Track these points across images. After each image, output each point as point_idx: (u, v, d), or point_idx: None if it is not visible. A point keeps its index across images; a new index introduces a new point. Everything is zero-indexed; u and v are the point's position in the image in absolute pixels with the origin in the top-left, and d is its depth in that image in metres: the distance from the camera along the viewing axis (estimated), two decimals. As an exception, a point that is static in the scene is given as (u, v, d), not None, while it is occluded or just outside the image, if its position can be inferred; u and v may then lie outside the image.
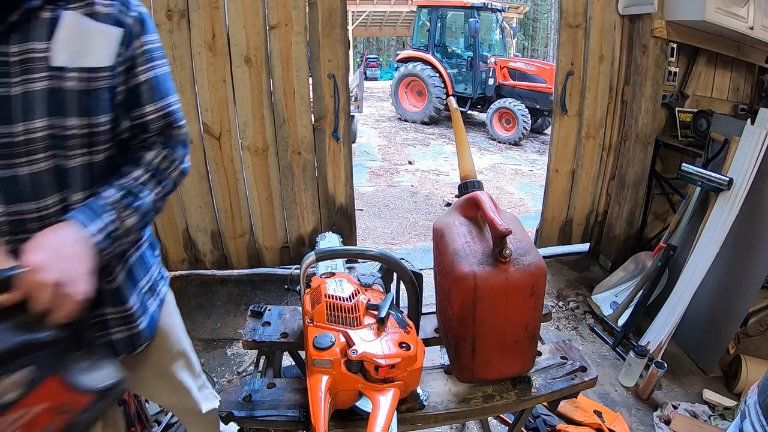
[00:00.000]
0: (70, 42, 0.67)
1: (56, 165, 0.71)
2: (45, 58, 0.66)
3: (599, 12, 2.62)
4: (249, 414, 0.82)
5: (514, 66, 7.78)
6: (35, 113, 0.67)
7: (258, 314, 1.07)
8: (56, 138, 0.69)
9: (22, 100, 0.65)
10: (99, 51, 0.70)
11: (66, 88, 0.68)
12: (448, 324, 0.91)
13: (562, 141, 2.89)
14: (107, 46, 0.71)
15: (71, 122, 0.70)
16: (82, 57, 0.69)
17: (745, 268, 2.07)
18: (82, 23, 0.68)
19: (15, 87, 0.65)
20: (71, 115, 0.70)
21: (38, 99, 0.66)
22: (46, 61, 0.66)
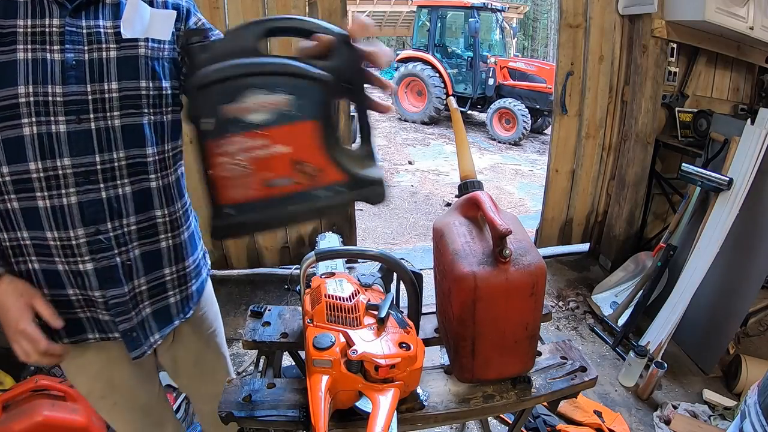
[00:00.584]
0: (134, 21, 0.80)
1: (128, 122, 0.81)
2: (115, 33, 0.78)
3: (599, 12, 2.62)
4: (249, 414, 0.82)
5: (514, 66, 7.77)
6: (111, 76, 0.78)
7: (258, 314, 1.07)
8: (129, 98, 0.80)
9: (98, 64, 0.77)
10: (159, 27, 0.83)
11: (138, 55, 0.80)
12: (448, 324, 0.91)
13: (562, 141, 2.89)
14: (166, 24, 0.84)
15: (142, 84, 0.81)
16: (148, 32, 0.81)
17: (745, 268, 2.07)
18: (140, 5, 0.80)
19: (90, 54, 0.76)
20: (142, 78, 0.81)
21: (113, 65, 0.78)
22: (116, 36, 0.78)
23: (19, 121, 0.73)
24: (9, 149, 0.74)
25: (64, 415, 1.42)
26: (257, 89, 0.50)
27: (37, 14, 0.73)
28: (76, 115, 0.76)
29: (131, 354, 0.92)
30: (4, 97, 0.72)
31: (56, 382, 1.51)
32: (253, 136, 0.51)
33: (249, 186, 0.53)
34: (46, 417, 1.38)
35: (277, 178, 0.53)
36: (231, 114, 0.50)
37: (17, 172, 0.76)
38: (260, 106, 0.50)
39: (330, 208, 0.55)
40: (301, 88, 0.51)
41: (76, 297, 0.86)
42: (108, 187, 0.82)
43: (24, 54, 0.72)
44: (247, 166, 0.52)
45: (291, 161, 0.52)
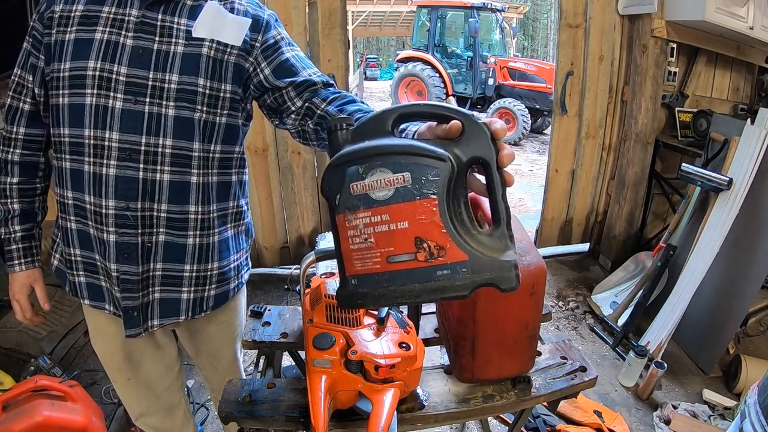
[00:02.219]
0: (209, 23, 0.87)
1: (181, 114, 0.86)
2: (187, 31, 0.86)
3: (599, 12, 2.62)
4: (249, 414, 0.82)
5: (513, 66, 7.78)
6: (173, 68, 0.85)
7: (258, 314, 1.07)
8: (185, 92, 0.86)
9: (164, 56, 0.84)
10: (231, 33, 0.88)
11: (201, 53, 0.86)
12: (448, 324, 0.91)
13: (561, 141, 2.89)
14: (239, 30, 0.89)
15: (200, 81, 0.86)
16: (218, 34, 0.87)
17: (745, 268, 2.07)
18: (220, 11, 0.88)
19: (159, 45, 0.84)
20: (200, 75, 0.86)
21: (177, 58, 0.85)
22: (187, 33, 0.86)
23: (83, 90, 0.83)
24: (73, 114, 0.84)
25: (63, 415, 1.42)
26: (382, 167, 0.53)
27: (121, 4, 0.84)
28: (134, 96, 0.83)
29: (126, 331, 0.94)
30: (76, 68, 0.83)
31: (56, 382, 1.51)
32: (377, 213, 0.53)
33: (372, 259, 0.55)
34: (46, 417, 1.38)
35: (398, 254, 0.53)
36: (358, 191, 0.54)
37: (74, 135, 0.85)
38: (384, 184, 0.53)
39: (450, 290, 0.53)
40: (421, 166, 0.53)
41: (101, 263, 0.92)
42: (147, 169, 0.86)
43: (101, 35, 0.83)
44: (370, 240, 0.54)
45: (412, 238, 0.53)
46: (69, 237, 0.93)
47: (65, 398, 1.46)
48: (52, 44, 0.85)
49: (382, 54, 21.37)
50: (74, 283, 0.96)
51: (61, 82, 0.84)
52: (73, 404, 1.46)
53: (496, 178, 0.54)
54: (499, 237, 0.54)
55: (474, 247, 0.53)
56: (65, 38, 0.84)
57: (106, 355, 1.07)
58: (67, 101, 0.85)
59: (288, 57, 0.93)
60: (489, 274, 0.52)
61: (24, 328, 2.05)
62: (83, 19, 0.84)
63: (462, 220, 0.54)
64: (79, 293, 0.96)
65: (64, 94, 0.84)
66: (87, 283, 0.95)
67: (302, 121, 0.91)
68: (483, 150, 0.54)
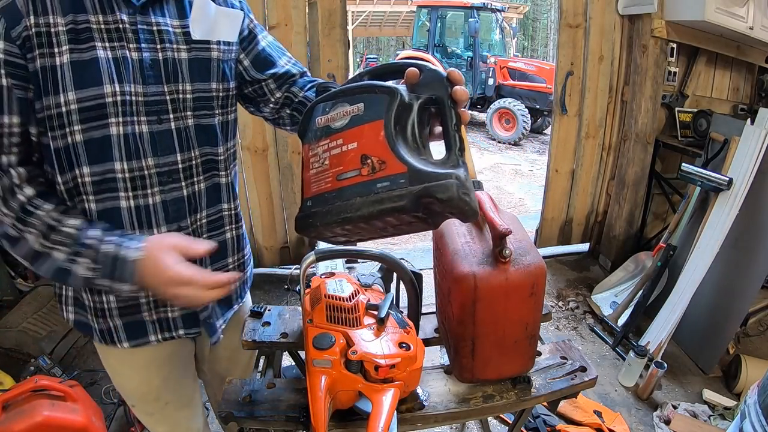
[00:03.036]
0: (204, 21, 0.80)
1: (201, 123, 0.83)
2: (183, 33, 0.78)
3: (599, 12, 2.62)
4: (249, 414, 0.82)
5: (513, 66, 7.78)
6: (184, 77, 0.79)
7: (258, 314, 1.07)
8: (202, 99, 0.82)
9: (171, 65, 0.77)
10: (227, 29, 0.83)
11: (211, 58, 0.82)
12: (448, 324, 0.91)
13: (561, 141, 2.89)
14: (233, 25, 0.84)
15: (213, 86, 0.83)
16: (217, 33, 0.82)
17: (745, 268, 2.07)
18: (208, 5, 0.81)
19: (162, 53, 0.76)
20: (213, 80, 0.83)
21: (185, 66, 0.78)
22: (185, 36, 0.78)
23: (106, 120, 0.72)
24: (93, 150, 0.73)
25: (63, 415, 1.42)
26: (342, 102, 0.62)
27: (106, 10, 0.71)
28: (157, 115, 0.77)
29: (212, 339, 0.96)
30: (88, 97, 0.70)
31: (56, 382, 1.51)
32: (333, 138, 0.61)
33: (324, 180, 0.61)
34: (46, 417, 1.38)
35: (346, 171, 0.59)
36: (321, 123, 0.62)
37: (101, 173, 0.75)
38: (342, 115, 0.61)
39: (388, 200, 0.56)
40: (373, 97, 0.60)
41: (146, 298, 0.86)
42: (188, 184, 0.84)
43: (104, 52, 0.71)
44: (326, 163, 0.61)
45: (359, 156, 0.59)
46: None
47: (65, 398, 1.46)
48: (39, 72, 0.68)
49: (382, 54, 21.35)
50: (108, 330, 0.87)
51: (67, 117, 0.70)
52: (73, 404, 1.47)
53: (449, 113, 0.60)
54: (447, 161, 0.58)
55: (414, 161, 0.56)
56: (57, 62, 0.68)
57: (141, 388, 1.00)
58: (80, 138, 0.72)
59: (264, 46, 0.92)
60: (426, 185, 0.54)
61: (24, 327, 2.05)
62: (72, 34, 0.68)
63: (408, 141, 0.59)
64: (115, 338, 0.88)
65: (75, 131, 0.71)
66: (125, 324, 0.87)
67: (280, 109, 0.94)
68: (437, 90, 0.60)
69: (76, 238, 0.71)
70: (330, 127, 0.61)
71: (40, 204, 0.72)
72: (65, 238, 0.71)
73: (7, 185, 0.71)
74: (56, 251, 0.71)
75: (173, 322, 0.90)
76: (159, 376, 0.98)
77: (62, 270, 0.72)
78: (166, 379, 1.00)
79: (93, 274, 0.71)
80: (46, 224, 0.71)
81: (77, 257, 0.71)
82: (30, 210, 0.71)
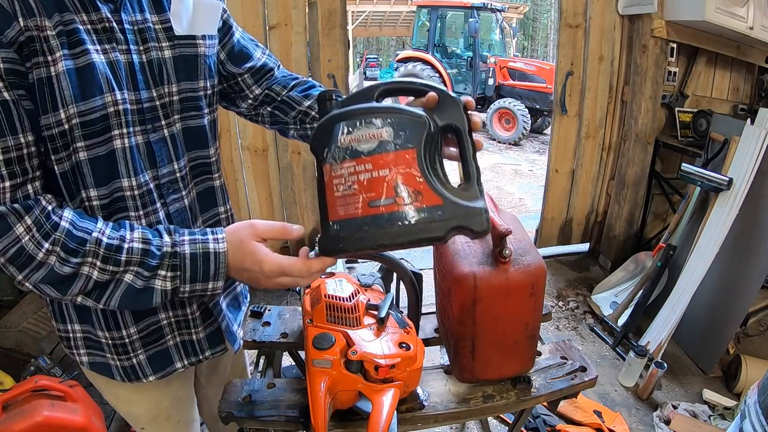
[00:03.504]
0: (181, 13, 0.72)
1: (190, 125, 0.76)
2: (164, 28, 0.71)
3: (599, 12, 2.62)
4: (249, 414, 0.82)
5: (513, 66, 7.78)
6: (170, 78, 0.72)
7: (258, 314, 1.07)
8: (189, 100, 0.75)
9: (156, 65, 0.70)
10: (206, 21, 0.76)
11: (198, 54, 0.75)
12: (448, 324, 0.91)
13: (561, 141, 2.89)
14: (213, 17, 0.77)
15: (200, 84, 0.76)
16: (198, 26, 0.74)
17: (745, 268, 2.07)
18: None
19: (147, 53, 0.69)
20: (200, 77, 0.76)
21: (169, 65, 0.71)
22: (166, 31, 0.71)
23: (110, 134, 0.65)
24: (99, 168, 0.65)
25: (63, 415, 1.42)
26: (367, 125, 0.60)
27: (87, 7, 0.62)
28: (151, 123, 0.70)
29: (234, 347, 0.91)
30: (92, 109, 0.62)
31: (56, 382, 1.51)
32: (361, 162, 0.59)
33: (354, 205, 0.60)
34: (46, 417, 1.38)
35: (379, 199, 0.58)
36: (345, 143, 0.60)
37: (108, 194, 0.68)
38: (368, 137, 0.59)
39: (427, 231, 0.59)
40: (402, 123, 0.59)
41: (167, 321, 0.80)
42: (187, 193, 0.78)
43: (98, 56, 0.63)
44: (354, 187, 0.59)
45: (392, 184, 0.59)
46: (118, 318, 0.76)
47: (65, 398, 1.46)
48: (36, 85, 0.58)
49: (382, 54, 21.35)
50: (131, 367, 0.80)
51: (70, 134, 0.62)
52: (73, 404, 1.46)
53: (467, 142, 0.63)
54: (470, 190, 0.61)
55: (449, 194, 0.59)
56: (52, 72, 0.59)
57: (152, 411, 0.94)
58: (84, 156, 0.63)
59: (238, 38, 0.87)
60: (462, 219, 0.59)
61: (24, 327, 2.05)
62: (62, 37, 0.59)
63: (437, 172, 0.61)
64: (140, 374, 0.81)
65: (78, 148, 0.63)
66: (150, 357, 0.81)
67: (259, 106, 0.91)
68: (456, 118, 0.62)
69: (146, 252, 0.63)
70: (356, 150, 0.59)
71: (88, 226, 0.62)
72: (132, 255, 0.62)
73: (44, 216, 0.60)
74: (128, 274, 0.63)
75: (198, 344, 0.85)
76: (168, 396, 0.95)
77: (140, 292, 0.64)
78: (173, 398, 0.97)
79: (178, 283, 0.64)
80: (104, 246, 0.61)
81: (156, 271, 0.63)
82: (79, 236, 0.61)
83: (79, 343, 0.79)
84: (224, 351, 0.91)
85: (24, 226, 0.58)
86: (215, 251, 0.65)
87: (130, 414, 0.97)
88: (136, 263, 0.62)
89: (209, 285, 0.66)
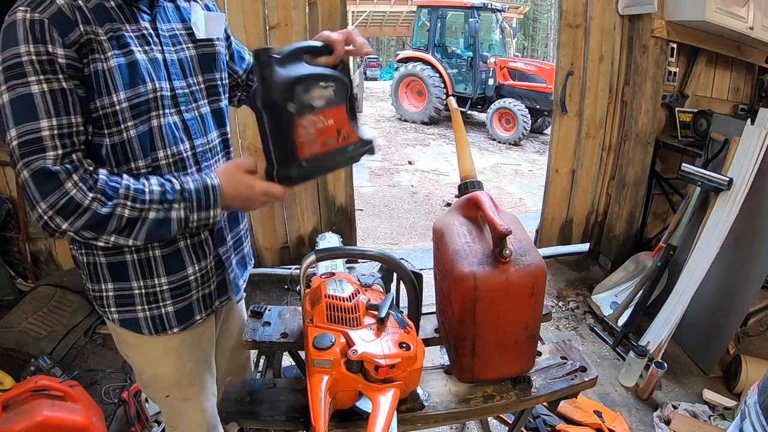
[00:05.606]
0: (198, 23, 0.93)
1: (214, 108, 0.98)
2: (187, 34, 0.92)
3: (599, 12, 2.62)
4: (249, 414, 0.82)
5: (514, 66, 7.77)
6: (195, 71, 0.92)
7: (258, 314, 1.07)
8: (211, 88, 0.96)
9: (186, 62, 0.91)
10: (216, 28, 0.97)
11: (215, 52, 0.96)
12: (448, 324, 0.91)
13: (562, 141, 2.89)
14: (220, 25, 0.99)
15: (217, 75, 0.97)
16: (211, 32, 0.95)
17: (745, 268, 2.07)
18: (199, 9, 0.95)
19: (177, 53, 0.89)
20: (216, 70, 0.97)
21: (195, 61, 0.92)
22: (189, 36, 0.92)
23: (149, 115, 0.84)
24: (145, 143, 0.84)
25: (64, 415, 1.42)
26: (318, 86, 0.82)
27: (130, 19, 0.82)
28: (185, 105, 0.90)
29: (236, 297, 1.07)
30: (137, 94, 0.81)
31: (56, 382, 1.51)
32: (316, 114, 0.82)
33: (314, 146, 0.83)
34: (46, 417, 1.38)
35: (329, 140, 0.84)
36: (308, 100, 0.80)
37: (150, 164, 0.85)
38: (320, 96, 0.82)
39: (355, 158, 0.90)
40: (338, 86, 0.84)
41: (194, 276, 0.95)
42: (217, 160, 0.98)
43: (140, 55, 0.82)
44: (312, 134, 0.82)
45: (336, 129, 0.85)
46: (153, 267, 0.90)
47: (65, 398, 1.46)
48: (93, 75, 0.77)
49: (382, 54, 21.34)
50: (159, 317, 0.93)
51: (121, 115, 0.80)
52: (73, 404, 1.47)
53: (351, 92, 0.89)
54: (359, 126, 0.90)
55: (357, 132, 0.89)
56: (105, 66, 0.77)
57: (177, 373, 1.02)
58: (134, 133, 0.82)
59: (234, 43, 1.09)
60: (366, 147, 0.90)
61: (24, 327, 2.05)
62: (113, 41, 0.78)
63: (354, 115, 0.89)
64: (166, 325, 0.94)
65: (129, 126, 0.81)
66: (176, 311, 0.94)
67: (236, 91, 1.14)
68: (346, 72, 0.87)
69: (163, 192, 0.81)
70: (313, 105, 0.81)
71: (118, 179, 0.79)
72: (153, 195, 0.80)
73: (87, 174, 0.77)
74: (152, 211, 0.80)
75: (211, 296, 1.00)
76: (192, 357, 1.03)
77: (161, 223, 0.81)
78: (197, 362, 1.04)
79: (188, 213, 0.83)
80: (132, 191, 0.79)
81: (171, 204, 0.81)
82: (113, 185, 0.78)
83: (111, 301, 0.92)
84: (228, 300, 1.05)
85: (72, 181, 0.74)
86: (212, 184, 0.84)
87: (156, 377, 1.04)
88: (156, 201, 0.80)
89: (211, 213, 0.85)
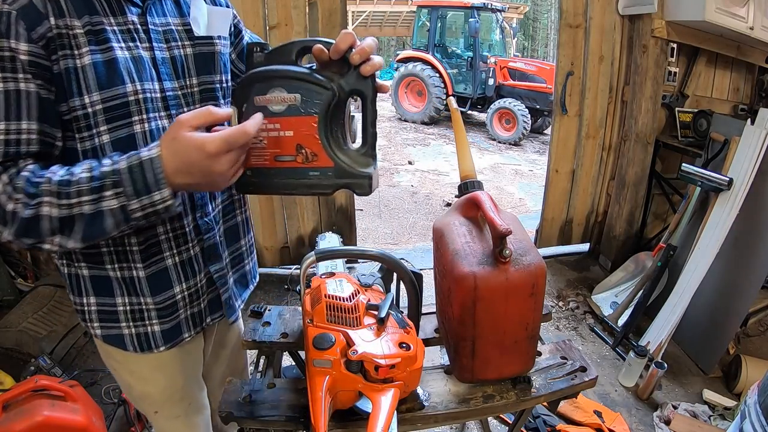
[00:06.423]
0: (198, 18, 0.84)
1: None
2: (185, 30, 0.82)
3: (599, 12, 2.62)
4: (249, 414, 0.82)
5: (514, 66, 7.78)
6: (191, 72, 0.83)
7: (258, 314, 1.07)
8: (207, 91, 0.85)
9: (180, 61, 0.81)
10: (220, 25, 0.88)
11: (215, 52, 0.86)
12: (448, 324, 0.91)
13: (562, 141, 2.89)
14: (225, 22, 0.89)
15: (216, 78, 0.87)
16: (213, 29, 0.86)
17: (745, 268, 2.07)
18: (201, 5, 0.85)
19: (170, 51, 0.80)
20: (217, 72, 0.87)
21: (191, 61, 0.83)
22: (187, 33, 0.82)
23: (129, 119, 0.74)
24: (120, 150, 0.71)
25: (64, 415, 1.42)
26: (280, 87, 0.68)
27: (116, 12, 0.73)
28: (175, 109, 0.80)
29: (230, 318, 0.99)
30: (113, 96, 0.72)
31: (56, 382, 1.51)
32: (271, 121, 0.69)
33: (263, 157, 0.71)
34: (46, 417, 1.38)
35: (283, 155, 0.70)
36: (260, 103, 0.69)
37: None
38: (279, 100, 0.68)
39: (317, 187, 0.71)
40: (311, 90, 0.68)
41: (182, 295, 0.88)
42: None
43: (122, 52, 0.72)
44: (264, 142, 0.70)
45: (294, 144, 0.69)
46: (137, 286, 0.83)
47: (65, 398, 1.46)
48: (63, 74, 0.68)
49: (383, 54, 21.36)
50: (144, 335, 0.87)
51: (93, 118, 0.71)
52: (73, 404, 1.47)
53: (370, 108, 0.70)
54: (364, 155, 0.71)
55: (341, 158, 0.70)
56: (78, 64, 0.68)
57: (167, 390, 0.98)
58: (107, 138, 0.72)
59: (247, 41, 0.99)
60: (348, 180, 0.70)
61: (24, 328, 2.05)
62: (90, 35, 0.69)
63: (336, 137, 0.71)
64: (152, 344, 0.88)
65: (102, 131, 0.72)
66: (162, 330, 0.88)
67: None
68: (363, 85, 0.68)
69: (91, 178, 0.65)
70: (268, 109, 0.69)
71: (44, 173, 0.66)
72: (81, 185, 0.64)
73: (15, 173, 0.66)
74: (81, 205, 0.65)
75: (203, 312, 0.93)
76: (183, 374, 0.99)
77: (94, 218, 0.65)
78: (188, 378, 1.01)
79: (124, 200, 0.65)
80: (55, 184, 0.65)
81: (101, 192, 0.64)
82: (35, 180, 0.65)
83: (94, 315, 0.86)
84: (221, 317, 0.98)
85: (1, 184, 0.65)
86: (149, 158, 0.65)
87: (145, 394, 0.99)
88: (85, 192, 0.64)
89: (155, 197, 0.66)
